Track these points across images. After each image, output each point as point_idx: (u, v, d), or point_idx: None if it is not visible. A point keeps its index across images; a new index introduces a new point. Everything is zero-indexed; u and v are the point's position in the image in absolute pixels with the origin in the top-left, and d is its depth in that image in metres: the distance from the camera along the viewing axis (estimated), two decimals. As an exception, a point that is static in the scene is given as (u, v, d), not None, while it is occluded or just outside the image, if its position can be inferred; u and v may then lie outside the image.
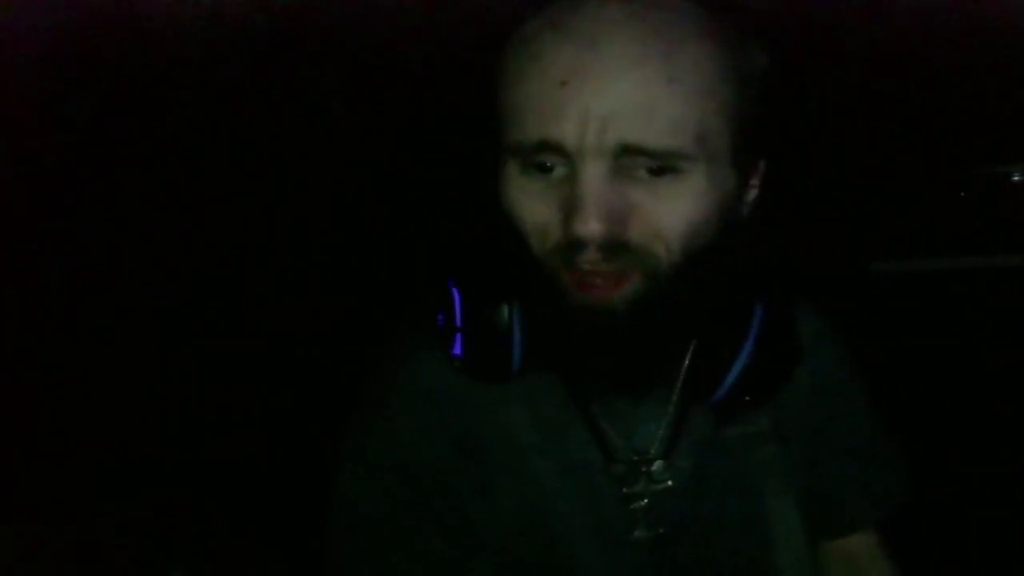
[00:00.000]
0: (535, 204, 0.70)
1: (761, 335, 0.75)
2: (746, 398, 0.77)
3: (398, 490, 0.82)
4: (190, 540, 1.70)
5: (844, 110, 2.28)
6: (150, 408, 2.05)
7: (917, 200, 2.40)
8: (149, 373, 2.09)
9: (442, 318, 0.76)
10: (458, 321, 0.74)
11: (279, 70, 2.30)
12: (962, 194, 2.47)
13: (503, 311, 0.73)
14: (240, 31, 2.24)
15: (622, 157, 0.66)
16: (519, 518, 0.80)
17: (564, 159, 0.68)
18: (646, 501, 0.81)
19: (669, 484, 0.81)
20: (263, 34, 2.24)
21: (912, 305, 2.33)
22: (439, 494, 0.81)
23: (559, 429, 0.81)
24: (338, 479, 0.84)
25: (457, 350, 0.75)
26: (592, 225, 0.66)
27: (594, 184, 0.66)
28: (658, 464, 0.81)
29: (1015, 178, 2.46)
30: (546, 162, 0.69)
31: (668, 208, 0.68)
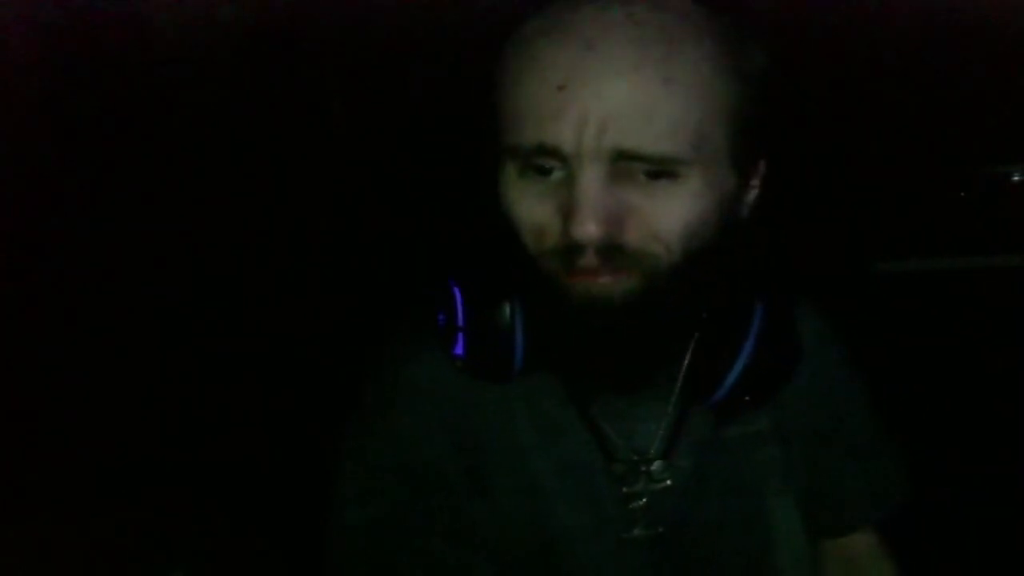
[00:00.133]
0: (533, 206, 0.70)
1: (761, 335, 0.75)
2: (746, 398, 0.77)
3: (398, 490, 0.82)
4: (190, 540, 1.70)
5: (844, 110, 2.28)
6: (150, 408, 2.05)
7: (917, 200, 2.40)
8: (149, 373, 2.08)
9: (443, 318, 0.76)
10: (460, 321, 0.75)
11: (279, 70, 2.30)
12: (962, 194, 2.47)
13: (505, 310, 0.74)
14: (241, 31, 2.24)
15: (619, 161, 0.66)
16: (519, 518, 0.80)
17: (562, 162, 0.68)
18: (645, 500, 0.81)
19: (668, 484, 0.82)
20: (263, 34, 2.24)
21: (912, 305, 2.33)
22: (439, 494, 0.82)
23: (559, 429, 0.81)
24: (338, 479, 0.85)
25: (459, 350, 0.75)
26: (589, 229, 0.66)
27: (591, 188, 0.66)
28: (657, 464, 0.81)
29: (1015, 178, 2.46)
30: (544, 165, 0.69)
31: (665, 211, 0.68)
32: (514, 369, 0.75)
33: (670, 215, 0.68)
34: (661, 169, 0.67)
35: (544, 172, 0.69)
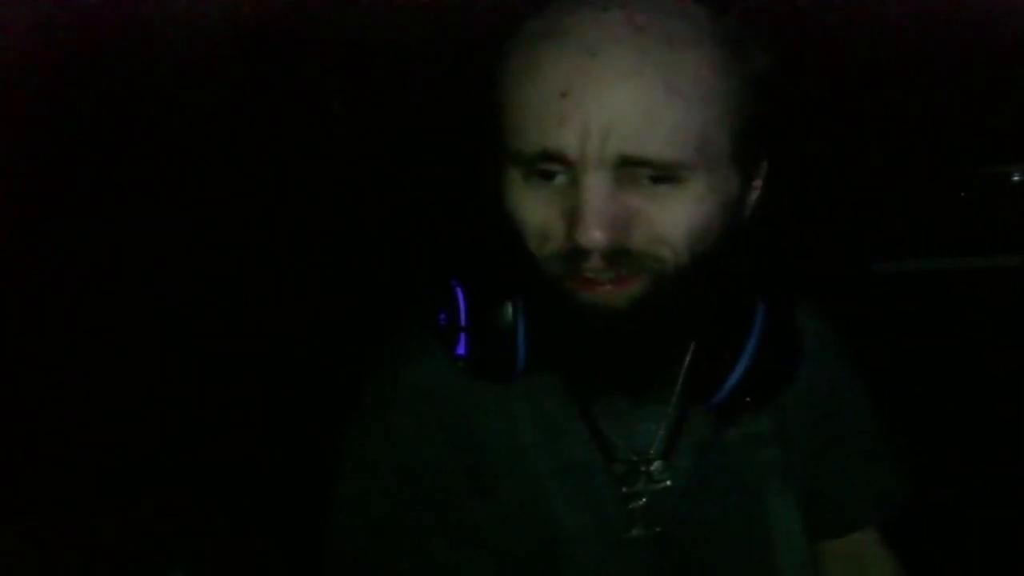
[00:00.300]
0: (537, 210, 0.70)
1: (763, 336, 0.75)
2: (747, 399, 0.77)
3: (398, 490, 0.82)
4: (190, 540, 1.70)
5: (844, 110, 2.28)
6: (150, 408, 2.05)
7: (917, 200, 2.40)
8: (149, 373, 2.08)
9: (445, 318, 0.76)
10: (462, 321, 0.74)
11: (279, 70, 2.30)
12: (962, 194, 2.47)
13: (507, 311, 0.74)
14: (241, 31, 2.24)
15: (623, 167, 0.66)
16: (519, 517, 0.80)
17: (566, 168, 0.67)
18: (645, 501, 0.81)
19: (668, 484, 0.81)
20: (263, 34, 2.24)
21: (912, 305, 2.33)
22: (439, 493, 0.82)
23: (559, 428, 0.81)
24: (338, 479, 0.85)
25: (461, 350, 0.75)
26: (595, 235, 0.66)
27: (596, 194, 0.66)
28: (658, 464, 0.81)
29: (1015, 178, 2.46)
30: (548, 170, 0.69)
31: (670, 215, 0.68)
32: (516, 369, 0.75)
33: (675, 219, 0.68)
34: (665, 174, 0.67)
35: (547, 177, 0.69)
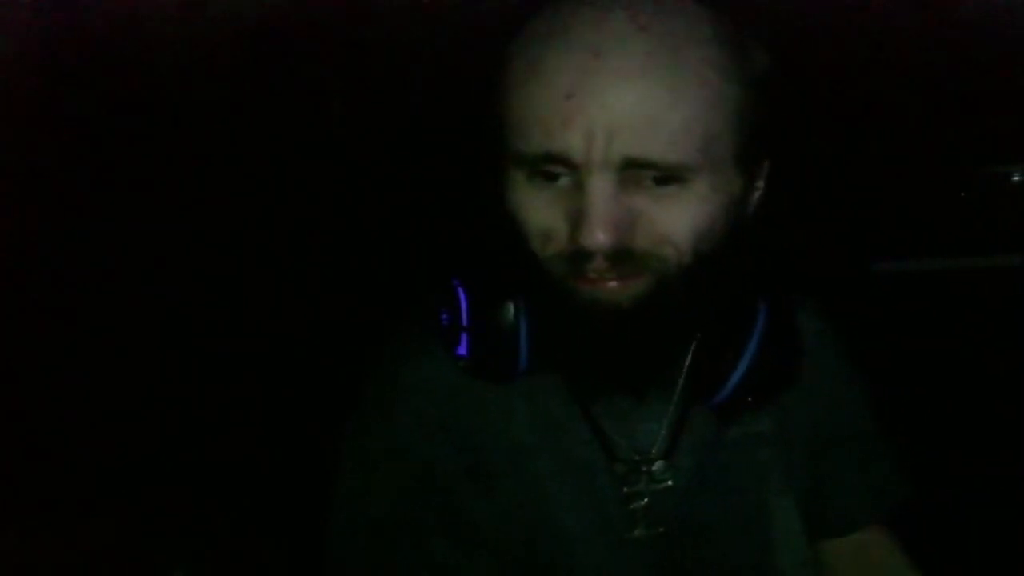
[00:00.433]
0: (541, 211, 0.70)
1: (765, 336, 0.75)
2: (749, 399, 0.77)
3: (398, 489, 0.82)
4: (190, 540, 1.70)
5: (844, 110, 2.28)
6: (150, 408, 2.05)
7: (917, 200, 2.40)
8: (149, 373, 2.08)
9: (447, 318, 0.76)
10: (464, 321, 0.74)
11: (279, 70, 2.30)
12: (962, 194, 2.47)
13: (509, 311, 0.74)
14: (239, 31, 2.24)
15: (627, 169, 0.66)
16: (520, 517, 0.80)
17: (570, 169, 0.67)
18: (646, 500, 0.81)
19: (670, 484, 0.81)
20: (263, 34, 2.24)
21: (912, 305, 2.33)
22: (439, 493, 0.82)
23: (560, 428, 0.81)
24: (339, 478, 0.85)
25: (463, 350, 0.75)
26: (599, 237, 0.66)
27: (601, 196, 0.66)
28: (659, 464, 0.81)
29: (1015, 178, 2.46)
30: (552, 171, 0.69)
31: (674, 216, 0.68)
32: (518, 369, 0.75)
33: (679, 220, 0.68)
34: (669, 175, 0.67)
35: (551, 178, 0.69)
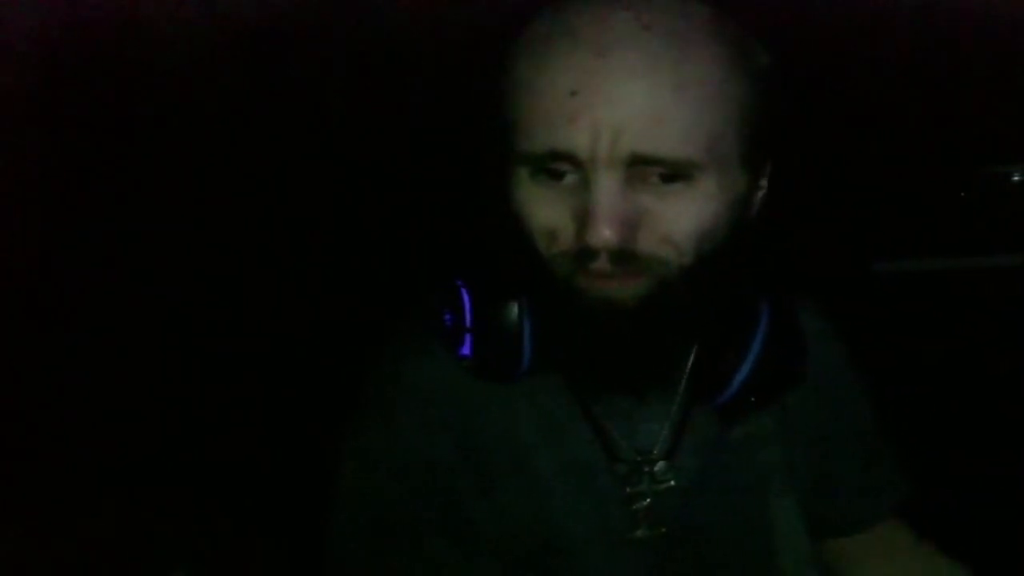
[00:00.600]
0: (546, 210, 0.70)
1: (768, 336, 0.75)
2: (752, 399, 0.77)
3: (399, 489, 0.82)
4: (190, 540, 1.70)
5: (844, 110, 2.27)
6: (150, 408, 2.04)
7: (917, 200, 2.40)
8: (149, 373, 2.08)
9: (450, 318, 0.76)
10: (468, 322, 0.75)
11: (279, 69, 2.30)
12: (962, 194, 2.47)
13: (513, 312, 0.74)
14: (240, 31, 2.23)
15: (634, 166, 0.66)
16: (521, 517, 0.80)
17: (575, 167, 0.68)
18: (649, 501, 0.81)
19: (672, 484, 0.82)
20: (263, 34, 2.24)
21: (912, 305, 2.33)
22: (441, 493, 0.82)
23: (562, 428, 0.81)
24: (339, 478, 0.85)
25: (466, 350, 0.75)
26: (605, 235, 0.66)
27: (607, 194, 0.66)
28: (661, 464, 0.82)
29: (1015, 178, 2.46)
30: (557, 169, 0.69)
31: (679, 214, 0.68)
32: (521, 370, 0.75)
33: (684, 218, 0.68)
34: (676, 172, 0.67)
35: (556, 176, 0.69)
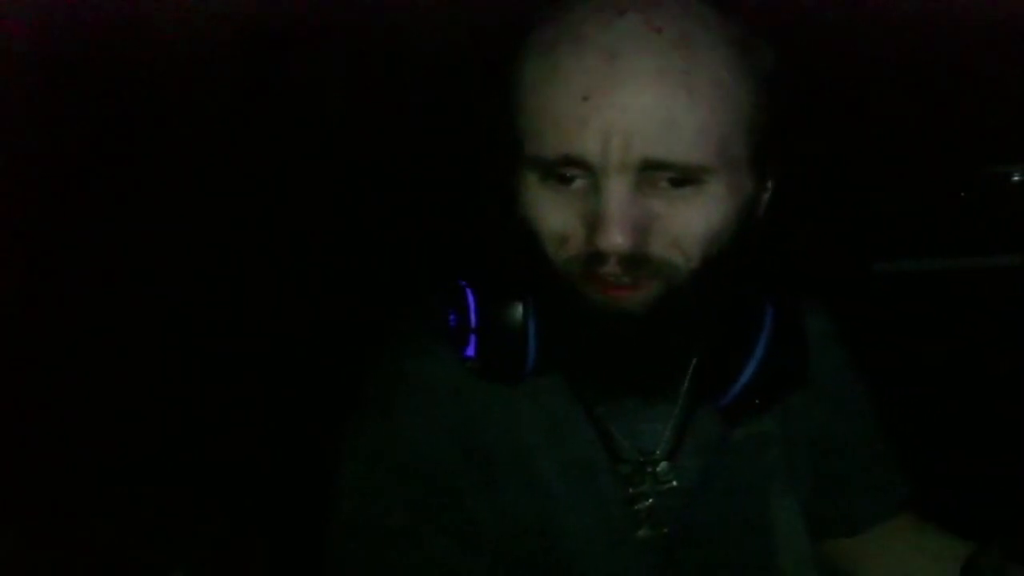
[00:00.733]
0: (555, 214, 0.70)
1: (772, 337, 0.75)
2: (756, 401, 0.77)
3: (399, 490, 0.82)
4: (190, 540, 1.70)
5: (844, 110, 2.27)
6: (150, 408, 2.04)
7: (917, 200, 2.40)
8: (149, 373, 2.08)
9: (455, 319, 0.76)
10: (473, 322, 0.75)
11: (279, 69, 2.30)
12: (962, 194, 2.47)
13: (518, 313, 0.74)
14: (240, 31, 2.23)
15: (645, 171, 0.67)
16: (523, 517, 0.80)
17: (586, 172, 0.68)
18: (651, 501, 0.81)
19: (674, 484, 0.82)
20: (263, 33, 2.24)
21: (912, 305, 2.33)
22: (442, 493, 0.81)
23: (565, 429, 0.81)
24: (339, 478, 0.84)
25: (470, 351, 0.75)
26: (616, 240, 0.66)
27: (618, 199, 0.66)
28: (663, 465, 0.82)
29: (1015, 178, 2.46)
30: (567, 174, 0.69)
31: (689, 218, 0.68)
32: (526, 371, 0.75)
33: (694, 222, 0.69)
34: (687, 177, 0.67)
35: (566, 180, 0.69)
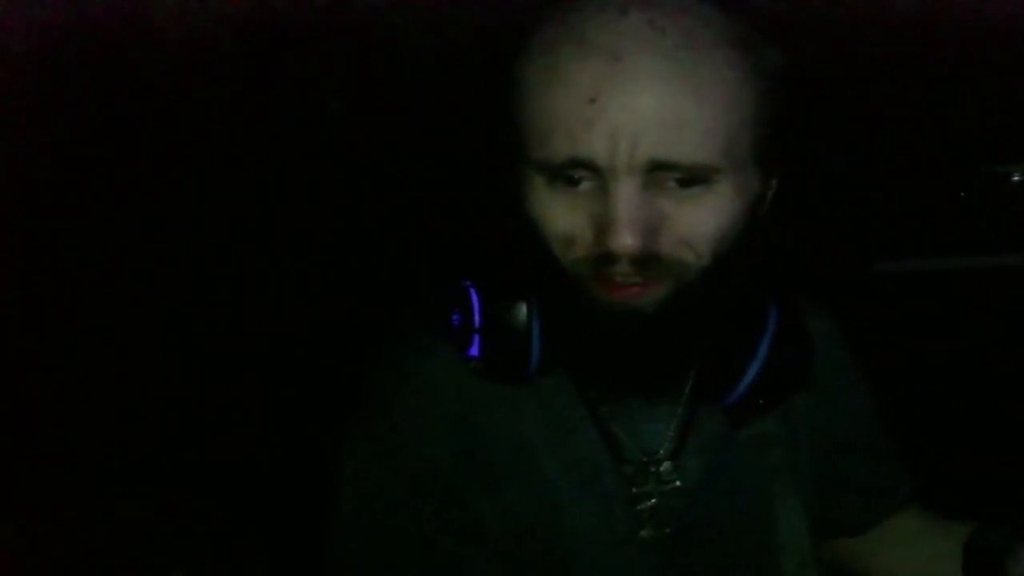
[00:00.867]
0: (563, 216, 0.70)
1: (776, 337, 0.75)
2: (760, 401, 0.77)
3: (401, 489, 0.82)
4: (190, 540, 1.70)
5: (844, 110, 2.27)
6: (150, 408, 2.04)
7: (917, 200, 2.40)
8: (149, 373, 2.08)
9: (458, 319, 0.76)
10: (477, 322, 0.75)
11: (279, 69, 2.30)
12: (962, 194, 2.47)
13: (523, 313, 0.74)
14: (240, 31, 2.23)
15: (652, 172, 0.67)
16: (526, 517, 0.80)
17: (593, 173, 0.68)
18: (654, 501, 0.81)
19: (677, 484, 0.82)
20: (263, 33, 2.24)
21: (912, 305, 2.33)
22: (443, 493, 0.81)
23: (568, 429, 0.81)
24: (340, 478, 0.84)
25: (474, 351, 0.75)
26: (627, 241, 0.66)
27: (628, 200, 0.67)
28: (667, 465, 0.82)
29: (1015, 178, 2.46)
30: (574, 176, 0.69)
31: (697, 218, 0.69)
32: (530, 371, 0.75)
33: (702, 222, 0.69)
34: (694, 176, 0.68)
35: (572, 182, 0.69)
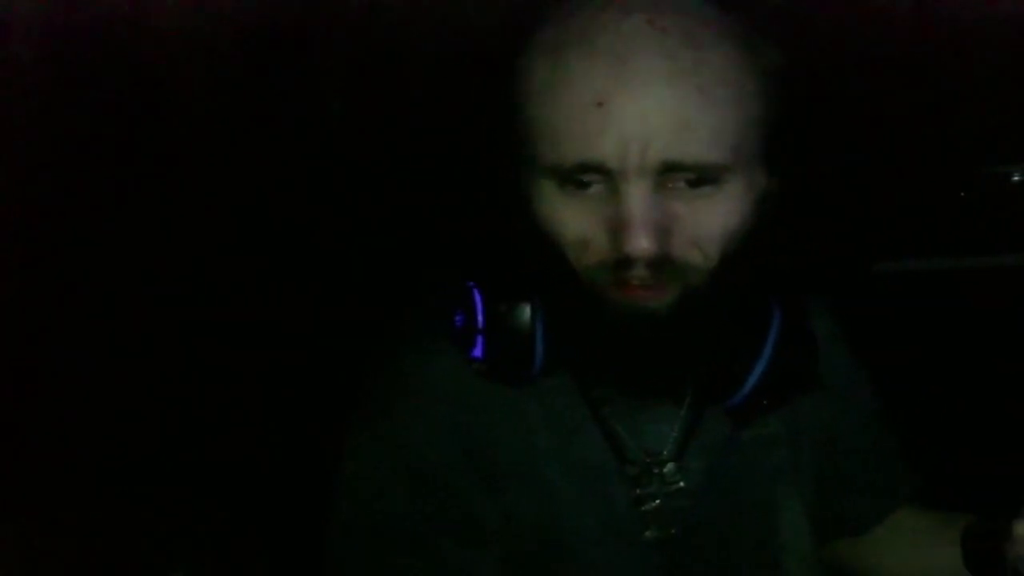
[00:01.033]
0: (575, 220, 0.70)
1: (780, 338, 0.75)
2: (764, 401, 0.77)
3: (403, 489, 0.82)
4: (190, 540, 1.70)
5: (844, 110, 2.27)
6: (150, 408, 2.04)
7: (917, 200, 2.40)
8: (149, 373, 2.08)
9: (461, 319, 0.76)
10: (480, 323, 0.75)
11: (279, 69, 2.30)
12: (962, 194, 2.47)
13: (526, 314, 0.74)
14: (240, 31, 2.23)
15: (663, 173, 0.67)
16: (529, 518, 0.80)
17: (604, 176, 0.68)
18: (658, 502, 0.81)
19: (681, 485, 0.82)
20: (263, 34, 2.24)
21: (912, 305, 2.33)
22: (444, 493, 0.81)
23: (572, 430, 0.81)
24: (340, 479, 0.84)
25: (478, 352, 0.75)
26: (642, 244, 0.66)
27: (640, 203, 0.67)
28: (670, 465, 0.82)
29: (1015, 178, 2.46)
30: (584, 180, 0.69)
31: (707, 218, 0.69)
32: (533, 372, 0.75)
33: (712, 222, 0.69)
34: (704, 177, 0.68)
35: (582, 186, 0.69)
